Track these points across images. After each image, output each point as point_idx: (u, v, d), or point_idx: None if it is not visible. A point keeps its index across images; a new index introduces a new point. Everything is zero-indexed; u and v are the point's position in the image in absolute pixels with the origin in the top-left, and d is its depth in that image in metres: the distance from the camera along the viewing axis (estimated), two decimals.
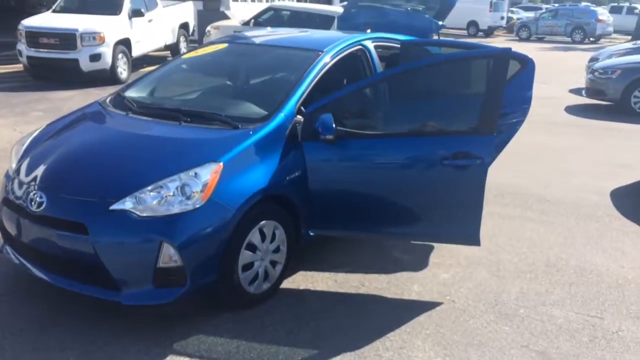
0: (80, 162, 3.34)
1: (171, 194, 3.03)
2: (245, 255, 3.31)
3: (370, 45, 4.52)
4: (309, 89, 3.81)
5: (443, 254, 4.28)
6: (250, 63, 4.47)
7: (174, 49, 14.45)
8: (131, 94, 4.20)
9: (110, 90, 10.86)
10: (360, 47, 4.42)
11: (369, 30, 5.09)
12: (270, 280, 3.55)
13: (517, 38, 28.96)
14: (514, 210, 5.14)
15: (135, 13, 12.08)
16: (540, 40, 28.18)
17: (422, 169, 3.54)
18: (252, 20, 13.93)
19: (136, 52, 12.27)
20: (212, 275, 3.16)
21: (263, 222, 3.38)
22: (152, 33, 13.02)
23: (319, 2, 19.45)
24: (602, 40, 27.66)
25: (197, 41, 16.28)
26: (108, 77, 11.24)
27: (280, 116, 3.56)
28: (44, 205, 3.11)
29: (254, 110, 3.76)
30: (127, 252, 3.01)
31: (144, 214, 2.98)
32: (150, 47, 13.19)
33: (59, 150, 3.47)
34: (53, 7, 12.40)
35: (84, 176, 3.22)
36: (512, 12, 37.44)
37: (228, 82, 4.29)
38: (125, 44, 11.67)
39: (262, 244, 3.42)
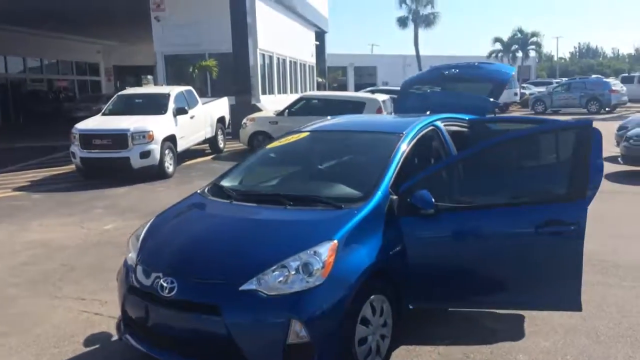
0: (203, 247, 3.57)
1: (293, 272, 3.22)
2: (360, 330, 3.44)
3: (441, 124, 4.81)
4: (397, 168, 4.07)
5: (536, 322, 4.35)
6: (335, 148, 4.78)
7: (212, 142, 15.07)
8: (227, 183, 4.49)
9: (159, 184, 11.51)
10: (432, 127, 4.72)
11: (428, 113, 5.43)
12: (381, 354, 3.65)
13: (533, 112, 29.60)
14: (594, 277, 5.21)
15: (179, 111, 12.77)
16: (556, 112, 28.78)
17: (518, 238, 3.71)
18: (286, 111, 14.61)
19: (180, 147, 12.85)
20: (335, 350, 3.27)
21: (373, 296, 3.53)
22: (193, 128, 13.67)
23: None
24: (617, 109, 28.19)
25: (231, 133, 16.92)
26: (156, 172, 11.73)
27: (378, 195, 3.79)
28: (175, 290, 3.30)
29: (349, 191, 4.00)
30: (258, 330, 3.16)
31: (271, 293, 3.16)
32: (192, 141, 13.81)
33: (179, 239, 3.72)
34: (102, 111, 13.17)
35: (210, 260, 3.44)
36: (524, 87, 38.49)
37: (319, 167, 4.56)
38: (171, 140, 12.26)
39: (373, 318, 3.54)
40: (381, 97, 14.50)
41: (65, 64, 33.46)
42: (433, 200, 3.64)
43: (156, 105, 12.78)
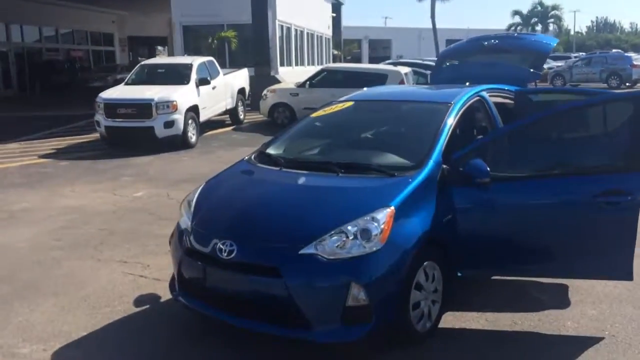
0: (261, 212, 3.61)
1: (351, 238, 3.26)
2: (414, 295, 3.49)
3: (486, 95, 4.78)
4: (447, 138, 4.07)
5: (580, 292, 4.37)
6: (381, 117, 4.78)
7: (232, 113, 15.06)
8: (273, 151, 4.51)
9: (183, 154, 11.57)
10: (478, 97, 4.69)
11: (467, 84, 5.39)
12: (431, 319, 3.70)
13: (552, 86, 29.28)
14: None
15: (202, 82, 12.74)
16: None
17: (573, 207, 3.72)
18: (307, 83, 14.54)
19: (203, 117, 12.86)
20: (391, 314, 3.34)
21: (426, 263, 3.57)
22: (215, 99, 13.66)
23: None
24: (638, 84, 27.82)
25: (250, 105, 16.89)
26: (179, 142, 11.77)
27: (431, 164, 3.80)
28: (234, 253, 3.35)
29: (401, 160, 4.01)
30: (318, 293, 3.22)
31: (330, 257, 3.22)
32: (214, 112, 13.82)
33: (236, 204, 3.77)
34: (125, 80, 13.17)
35: (269, 224, 3.49)
36: None
37: (368, 135, 4.56)
38: (194, 110, 12.26)
39: (426, 284, 3.59)
40: (403, 69, 14.38)
41: (80, 33, 33.35)
42: (488, 169, 3.64)
43: (179, 75, 12.76)
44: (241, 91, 15.42)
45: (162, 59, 14.91)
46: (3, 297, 4.53)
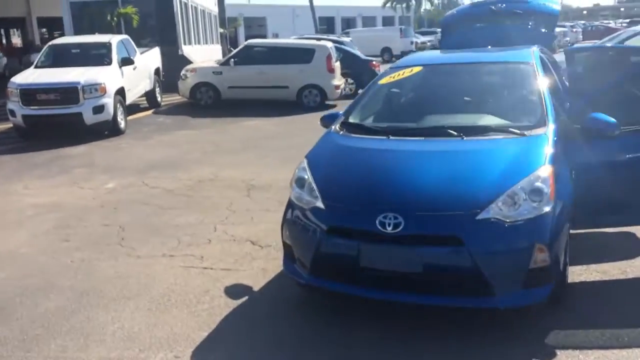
0: (418, 182, 3.41)
1: (524, 198, 3.22)
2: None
3: (541, 53, 4.88)
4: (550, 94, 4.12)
5: None
6: (464, 80, 4.68)
7: (151, 95, 14.09)
8: (360, 121, 4.33)
9: (117, 141, 10.69)
10: (540, 55, 4.75)
11: (489, 47, 5.53)
12: (566, 274, 3.71)
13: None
14: None
15: (125, 62, 11.76)
16: None
17: None
18: (232, 60, 14.02)
19: (128, 100, 11.91)
20: (560, 271, 3.38)
21: None
22: (137, 80, 12.69)
23: None
24: None
25: (161, 86, 15.88)
26: (110, 128, 10.83)
27: (551, 121, 3.84)
28: (401, 226, 3.19)
29: (514, 120, 3.96)
30: (502, 258, 3.16)
31: (509, 220, 3.16)
32: (137, 94, 12.85)
33: (376, 177, 3.54)
34: (35, 63, 11.75)
35: (434, 194, 3.31)
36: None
37: (465, 98, 4.46)
38: (121, 93, 11.30)
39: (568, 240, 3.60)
40: (328, 43, 14.37)
41: None
42: (616, 121, 3.72)
43: (97, 55, 11.66)
44: (157, 71, 14.47)
45: (74, 38, 13.37)
46: (69, 308, 3.94)
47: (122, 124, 11.24)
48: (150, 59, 14.09)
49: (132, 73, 12.20)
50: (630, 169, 3.92)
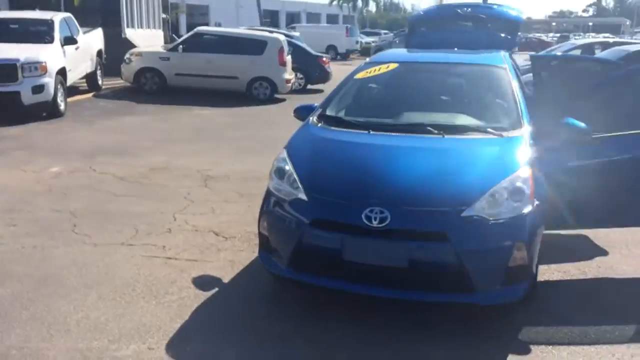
0: (403, 177, 3.40)
1: (506, 197, 3.29)
2: None
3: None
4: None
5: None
6: (440, 79, 4.74)
7: (92, 77, 13.48)
8: (336, 114, 4.30)
9: (58, 123, 10.18)
10: (511, 60, 4.88)
11: (455, 49, 5.63)
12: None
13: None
14: None
15: (68, 41, 11.20)
16: None
17: None
18: (180, 46, 13.65)
19: (69, 82, 11.34)
20: (535, 270, 3.47)
21: None
22: (79, 61, 12.12)
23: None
24: None
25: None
26: (49, 109, 10.28)
27: (526, 124, 3.95)
28: (387, 220, 3.17)
29: (492, 121, 4.04)
30: (484, 255, 3.22)
31: (492, 218, 3.22)
32: (78, 75, 12.27)
33: (360, 170, 3.52)
34: None
35: (421, 189, 3.32)
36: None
37: (441, 97, 4.47)
38: (62, 73, 10.74)
39: None
40: (281, 37, 14.24)
41: None
42: (588, 126, 3.84)
43: (38, 32, 11.02)
44: (99, 53, 13.86)
45: (13, 12, 12.55)
46: (26, 297, 3.69)
47: (62, 106, 10.70)
48: (92, 40, 13.50)
49: (74, 53, 11.64)
50: (597, 175, 4.09)
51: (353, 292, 3.38)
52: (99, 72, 13.80)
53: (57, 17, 11.55)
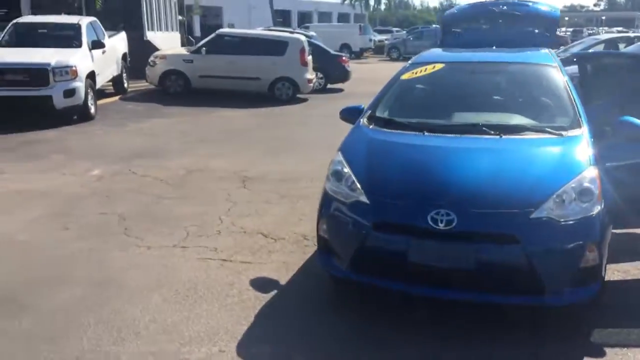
0: (468, 179, 3.40)
1: (574, 199, 3.29)
2: None
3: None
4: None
5: None
6: (489, 79, 4.73)
7: (118, 80, 13.61)
8: (387, 115, 4.33)
9: (89, 126, 10.32)
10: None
11: (494, 47, 5.62)
12: None
13: (389, 58, 31.34)
14: None
15: (95, 45, 11.32)
16: (406, 59, 30.64)
17: None
18: (203, 48, 13.73)
19: (97, 85, 11.47)
20: (604, 271, 3.45)
21: None
22: (106, 64, 12.24)
23: None
24: None
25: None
26: (80, 113, 10.42)
27: (585, 123, 3.94)
28: (454, 223, 3.19)
29: (550, 120, 4.06)
30: (555, 257, 3.21)
31: (562, 220, 3.22)
32: (105, 79, 12.39)
33: (423, 172, 3.53)
34: None
35: (487, 191, 3.32)
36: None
37: (496, 97, 4.48)
38: (91, 77, 10.86)
39: None
40: (302, 37, 14.27)
41: None
42: None
43: (66, 37, 11.17)
44: (124, 57, 13.99)
45: (40, 17, 12.69)
46: (90, 300, 3.76)
47: (92, 110, 10.83)
48: (117, 44, 13.62)
49: (102, 57, 11.76)
50: None
51: (417, 293, 3.41)
52: (124, 75, 13.93)
53: (84, 21, 11.68)
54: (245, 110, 12.33)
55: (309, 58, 13.93)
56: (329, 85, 16.25)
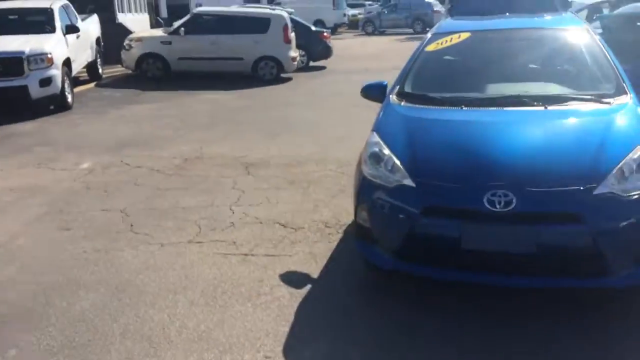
0: (521, 156, 3.17)
1: (635, 171, 3.05)
2: None
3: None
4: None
5: None
6: (518, 46, 4.46)
7: (92, 66, 13.01)
8: (417, 90, 4.06)
9: (68, 116, 9.81)
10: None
11: (507, 14, 5.38)
12: None
13: (364, 33, 30.87)
14: None
15: (70, 30, 10.73)
16: (382, 33, 30.28)
17: None
18: (182, 29, 13.17)
19: (73, 72, 10.91)
20: None
21: None
22: (81, 50, 11.65)
23: None
24: None
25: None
26: (57, 102, 9.89)
27: (630, 89, 3.72)
28: (513, 204, 2.94)
29: (585, 89, 3.84)
30: (621, 235, 2.97)
31: (625, 194, 2.99)
32: (80, 65, 11.80)
33: (471, 151, 3.27)
34: None
35: (544, 168, 3.09)
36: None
37: (531, 66, 4.22)
38: (67, 64, 10.31)
39: None
40: (284, 13, 13.81)
41: None
42: None
43: (39, 22, 10.57)
44: (97, 41, 13.36)
45: (10, 2, 11.94)
46: (110, 307, 3.44)
47: (70, 98, 10.29)
48: (90, 27, 12.99)
49: (76, 42, 11.18)
50: None
51: (472, 281, 3.17)
52: (99, 60, 13.32)
53: (56, 5, 11.05)
54: (230, 92, 11.88)
55: (292, 35, 13.51)
56: (311, 63, 15.85)
